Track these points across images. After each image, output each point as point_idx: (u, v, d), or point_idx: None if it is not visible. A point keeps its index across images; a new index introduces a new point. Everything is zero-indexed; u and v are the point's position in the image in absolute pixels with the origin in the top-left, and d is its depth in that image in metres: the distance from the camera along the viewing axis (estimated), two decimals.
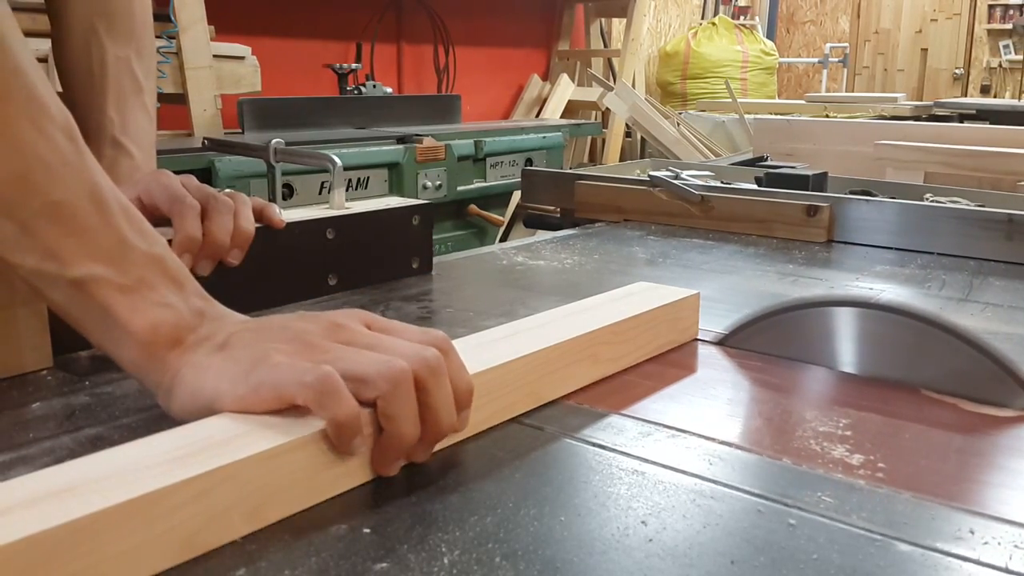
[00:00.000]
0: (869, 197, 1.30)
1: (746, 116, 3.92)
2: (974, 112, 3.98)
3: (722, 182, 1.44)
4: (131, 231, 0.54)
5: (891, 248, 1.21)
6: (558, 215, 1.54)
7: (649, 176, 1.41)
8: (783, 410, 0.61)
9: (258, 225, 0.79)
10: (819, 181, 1.43)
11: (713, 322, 0.78)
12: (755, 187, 1.41)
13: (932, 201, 1.32)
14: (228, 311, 0.55)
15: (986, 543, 0.44)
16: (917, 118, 4.03)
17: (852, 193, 1.36)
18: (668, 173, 1.43)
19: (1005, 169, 2.15)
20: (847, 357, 0.69)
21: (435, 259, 1.02)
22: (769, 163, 1.73)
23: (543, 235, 1.32)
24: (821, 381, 0.68)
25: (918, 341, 0.65)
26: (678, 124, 3.91)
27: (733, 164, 1.83)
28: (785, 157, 2.09)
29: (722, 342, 0.75)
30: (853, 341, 0.69)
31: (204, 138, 1.79)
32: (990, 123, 3.51)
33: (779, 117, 3.38)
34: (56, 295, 0.53)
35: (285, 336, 0.50)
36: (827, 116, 3.94)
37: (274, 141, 1.08)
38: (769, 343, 0.73)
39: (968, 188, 1.51)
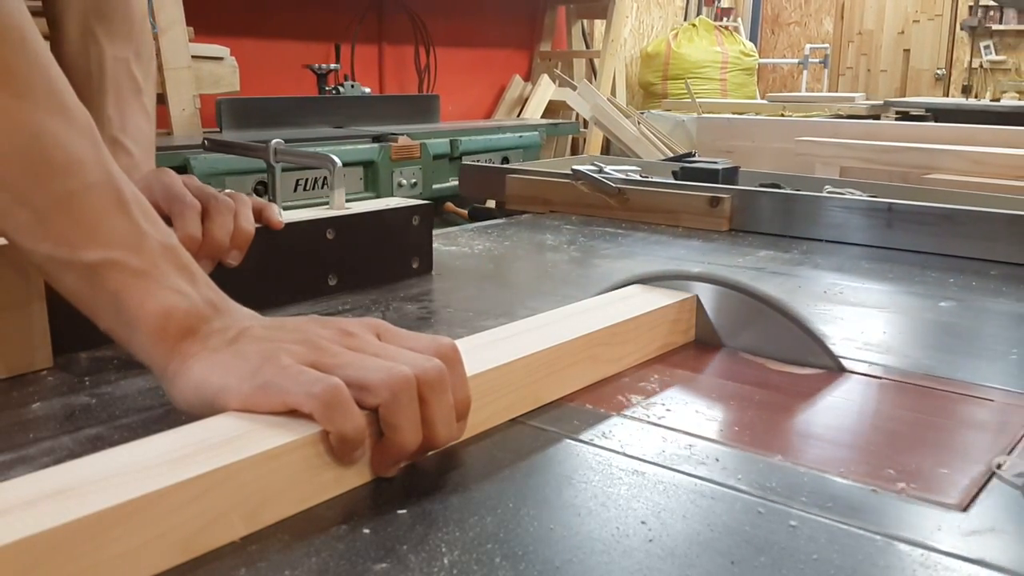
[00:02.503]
0: (773, 189, 1.36)
1: (704, 115, 3.99)
2: (923, 111, 4.11)
3: (641, 176, 1.49)
4: (145, 221, 0.54)
5: (784, 236, 1.28)
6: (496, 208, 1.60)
7: (572, 170, 1.45)
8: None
9: (258, 225, 0.79)
10: (729, 175, 1.48)
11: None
12: (670, 180, 1.46)
13: (829, 192, 1.37)
14: (240, 307, 0.55)
15: (724, 468, 0.51)
16: (875, 117, 4.12)
17: (762, 186, 1.41)
18: (591, 167, 1.47)
19: (913, 163, 2.22)
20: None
21: None
22: (693, 159, 1.78)
23: (475, 224, 1.37)
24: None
25: (744, 311, 0.73)
26: (638, 123, 3.96)
27: (662, 160, 1.88)
28: (725, 154, 2.13)
29: None
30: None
31: (204, 138, 1.80)
32: (936, 121, 3.60)
33: (722, 116, 3.44)
34: (68, 280, 0.53)
35: (295, 337, 0.50)
36: (783, 115, 4.01)
37: (274, 141, 1.09)
38: None
39: (879, 182, 1.57)
